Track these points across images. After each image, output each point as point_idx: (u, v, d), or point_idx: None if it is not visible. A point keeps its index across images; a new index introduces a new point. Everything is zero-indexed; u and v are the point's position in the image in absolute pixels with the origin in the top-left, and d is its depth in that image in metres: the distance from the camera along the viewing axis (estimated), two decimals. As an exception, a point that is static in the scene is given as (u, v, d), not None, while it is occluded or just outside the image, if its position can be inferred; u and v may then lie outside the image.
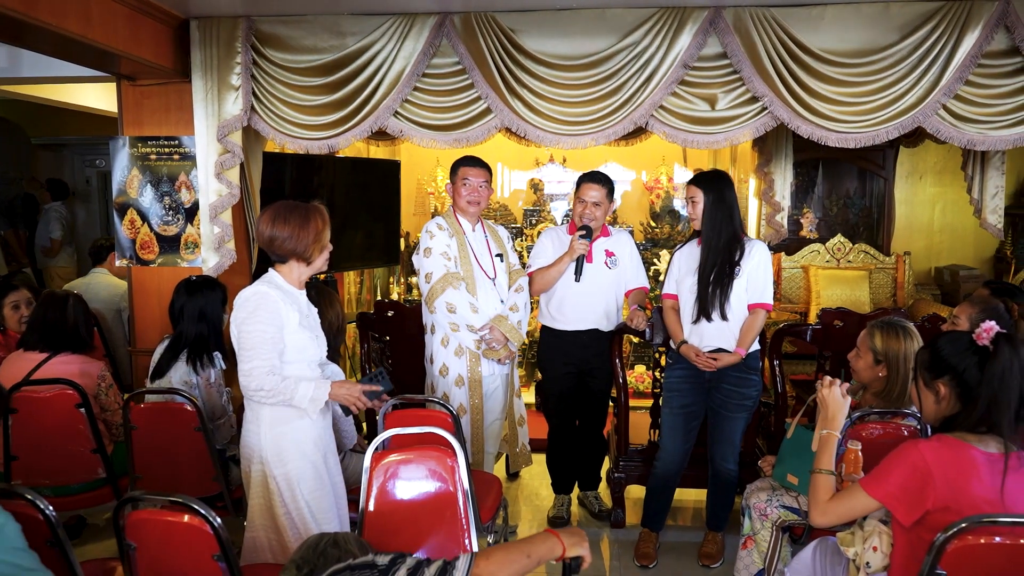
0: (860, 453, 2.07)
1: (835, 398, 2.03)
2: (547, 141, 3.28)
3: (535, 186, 6.10)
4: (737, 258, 2.76)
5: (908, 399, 2.27)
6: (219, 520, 1.63)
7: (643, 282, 3.32)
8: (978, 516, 1.55)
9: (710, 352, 2.81)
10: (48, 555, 1.72)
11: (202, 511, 1.62)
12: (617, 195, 6.20)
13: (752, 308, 2.80)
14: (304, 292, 2.25)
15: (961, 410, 1.73)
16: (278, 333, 2.08)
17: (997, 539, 1.54)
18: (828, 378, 2.09)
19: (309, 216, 2.14)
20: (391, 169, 4.85)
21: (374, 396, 2.21)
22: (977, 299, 2.79)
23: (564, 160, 6.06)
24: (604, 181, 3.16)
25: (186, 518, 1.65)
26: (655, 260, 5.42)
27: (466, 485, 2.09)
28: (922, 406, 1.84)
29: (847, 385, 2.08)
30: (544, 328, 3.35)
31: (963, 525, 1.53)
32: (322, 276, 4.42)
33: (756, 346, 2.87)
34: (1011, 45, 3.02)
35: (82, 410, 2.71)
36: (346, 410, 2.25)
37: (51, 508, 1.70)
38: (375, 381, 2.23)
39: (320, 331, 2.28)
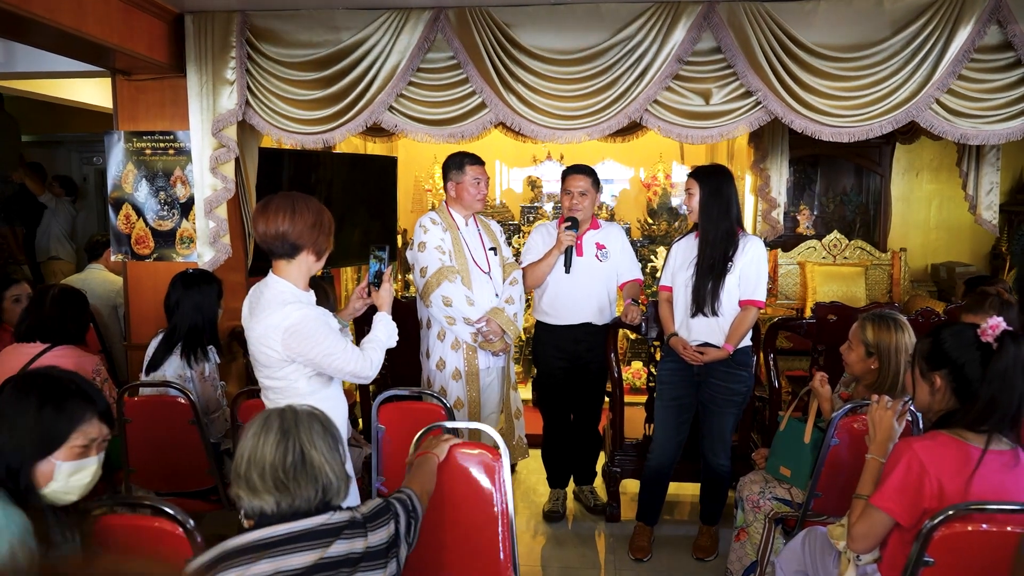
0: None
1: (887, 421, 1.87)
2: (542, 136, 3.29)
3: (533, 183, 6.10)
4: (730, 253, 2.77)
5: (900, 390, 2.27)
6: (192, 522, 1.57)
7: (637, 274, 3.33)
8: (965, 504, 1.55)
9: (698, 346, 2.81)
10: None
11: (172, 512, 1.57)
12: (615, 192, 6.27)
13: (743, 305, 2.80)
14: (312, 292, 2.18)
15: (958, 407, 1.71)
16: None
17: (984, 526, 1.54)
18: (885, 397, 1.93)
19: (320, 206, 2.05)
20: (388, 166, 4.84)
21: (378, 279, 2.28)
22: (994, 303, 2.64)
23: (561, 157, 6.05)
24: (588, 172, 3.19)
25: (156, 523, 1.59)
26: (652, 257, 5.41)
27: (507, 487, 2.00)
28: (915, 395, 1.83)
29: (902, 404, 1.91)
30: (538, 323, 3.36)
31: (950, 512, 1.54)
32: (319, 272, 4.42)
33: (747, 341, 2.87)
34: (1004, 40, 3.01)
35: (77, 403, 2.70)
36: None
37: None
38: (382, 266, 2.26)
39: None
